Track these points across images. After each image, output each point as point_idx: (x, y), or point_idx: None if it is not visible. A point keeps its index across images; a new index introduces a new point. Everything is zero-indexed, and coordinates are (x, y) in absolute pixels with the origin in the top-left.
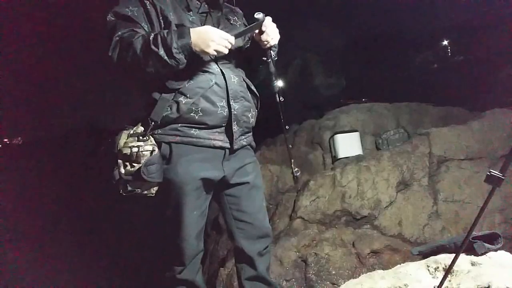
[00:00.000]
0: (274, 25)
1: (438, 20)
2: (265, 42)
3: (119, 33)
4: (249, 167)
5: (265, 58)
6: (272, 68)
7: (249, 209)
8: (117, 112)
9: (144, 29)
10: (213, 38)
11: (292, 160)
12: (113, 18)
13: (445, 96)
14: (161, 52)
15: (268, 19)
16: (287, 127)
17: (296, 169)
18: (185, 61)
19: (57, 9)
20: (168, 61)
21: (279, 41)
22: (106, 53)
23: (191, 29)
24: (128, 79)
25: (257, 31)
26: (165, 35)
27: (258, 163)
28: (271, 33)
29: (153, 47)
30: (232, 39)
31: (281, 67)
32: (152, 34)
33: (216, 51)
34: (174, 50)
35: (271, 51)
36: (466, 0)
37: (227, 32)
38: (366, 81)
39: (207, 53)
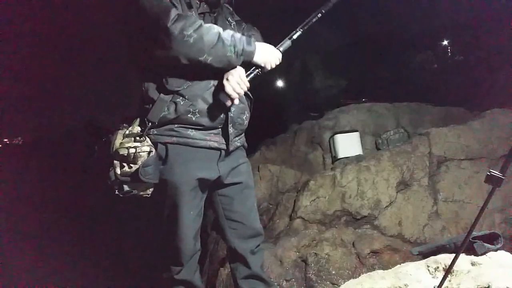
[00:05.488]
0: (235, 79)
1: (438, 20)
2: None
3: (175, 9)
4: (243, 168)
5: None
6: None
7: (241, 209)
8: (117, 112)
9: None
10: (273, 54)
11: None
12: None
13: (445, 96)
14: (230, 47)
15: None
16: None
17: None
18: (240, 64)
19: (57, 9)
20: (231, 59)
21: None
22: (161, 24)
23: (256, 42)
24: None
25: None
26: (236, 35)
27: (250, 164)
28: (235, 88)
29: (225, 39)
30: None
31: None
32: (221, 29)
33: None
34: (239, 52)
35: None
36: (466, 0)
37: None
38: (366, 81)
39: (262, 66)
